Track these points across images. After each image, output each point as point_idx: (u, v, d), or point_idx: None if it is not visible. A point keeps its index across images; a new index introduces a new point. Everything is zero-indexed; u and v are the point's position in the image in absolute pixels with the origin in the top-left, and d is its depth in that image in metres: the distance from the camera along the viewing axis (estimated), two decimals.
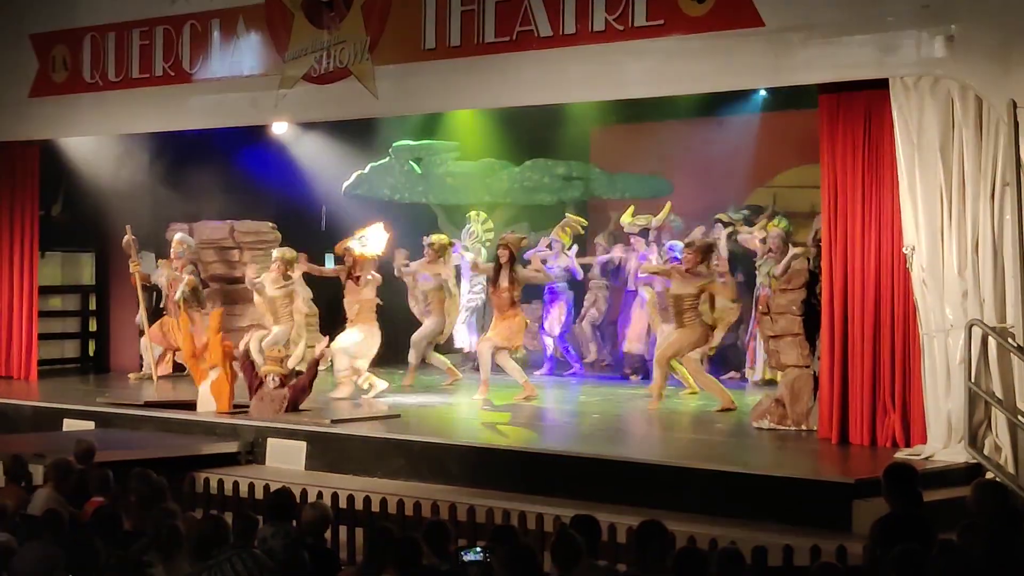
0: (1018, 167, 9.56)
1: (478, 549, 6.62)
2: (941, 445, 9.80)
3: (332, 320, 14.62)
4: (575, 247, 15.48)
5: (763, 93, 14.61)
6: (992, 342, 9.64)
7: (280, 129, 15.31)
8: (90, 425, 12.31)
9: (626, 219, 14.86)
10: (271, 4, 13.37)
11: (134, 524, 7.38)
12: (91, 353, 17.18)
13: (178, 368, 15.32)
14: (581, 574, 5.96)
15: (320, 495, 9.09)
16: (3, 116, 15.44)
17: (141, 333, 15.46)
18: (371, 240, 13.53)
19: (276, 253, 14.45)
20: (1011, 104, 9.50)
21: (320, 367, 12.73)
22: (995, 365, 9.66)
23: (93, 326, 17.17)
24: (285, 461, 11.11)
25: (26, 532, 7.03)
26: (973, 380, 9.64)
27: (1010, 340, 9.57)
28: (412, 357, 14.40)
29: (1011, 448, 9.55)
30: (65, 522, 7.01)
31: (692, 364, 12.94)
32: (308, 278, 14.69)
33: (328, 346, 13.01)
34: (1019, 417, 9.53)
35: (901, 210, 10.02)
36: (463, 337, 15.81)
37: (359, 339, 13.38)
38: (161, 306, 15.47)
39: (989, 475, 9.25)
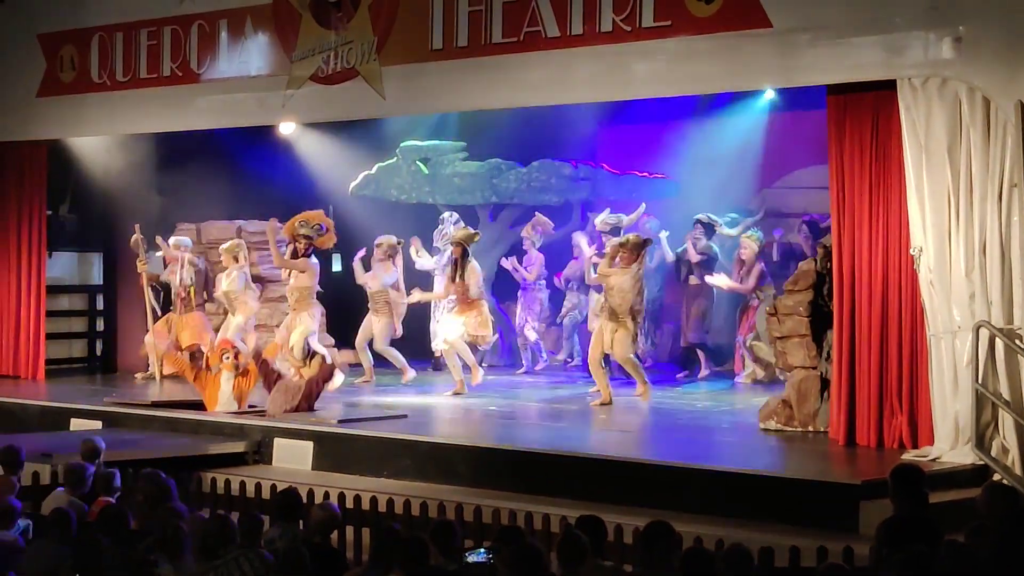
0: None
1: (482, 550, 6.63)
2: (948, 447, 9.78)
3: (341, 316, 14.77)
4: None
5: (771, 94, 14.60)
6: (999, 344, 9.62)
7: (287, 129, 15.31)
8: (97, 425, 12.32)
9: (599, 219, 14.90)
10: (278, 4, 13.38)
11: (141, 524, 7.39)
12: (98, 353, 17.20)
13: None
14: (587, 573, 5.97)
15: (327, 495, 9.10)
16: (11, 116, 15.47)
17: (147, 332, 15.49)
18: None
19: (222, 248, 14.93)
20: (1019, 105, 9.48)
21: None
22: (1002, 367, 9.65)
23: (100, 326, 17.19)
24: (292, 461, 11.12)
25: (33, 530, 7.06)
26: (980, 382, 9.62)
27: (1017, 342, 9.56)
28: (365, 359, 14.64)
29: (1018, 450, 9.53)
30: (72, 522, 7.02)
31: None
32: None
33: (341, 361, 13.22)
34: None
35: (908, 211, 10.01)
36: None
37: (315, 332, 13.69)
38: (172, 306, 15.46)
39: (996, 477, 9.23)
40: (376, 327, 14.67)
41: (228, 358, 12.43)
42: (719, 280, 14.63)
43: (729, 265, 15.07)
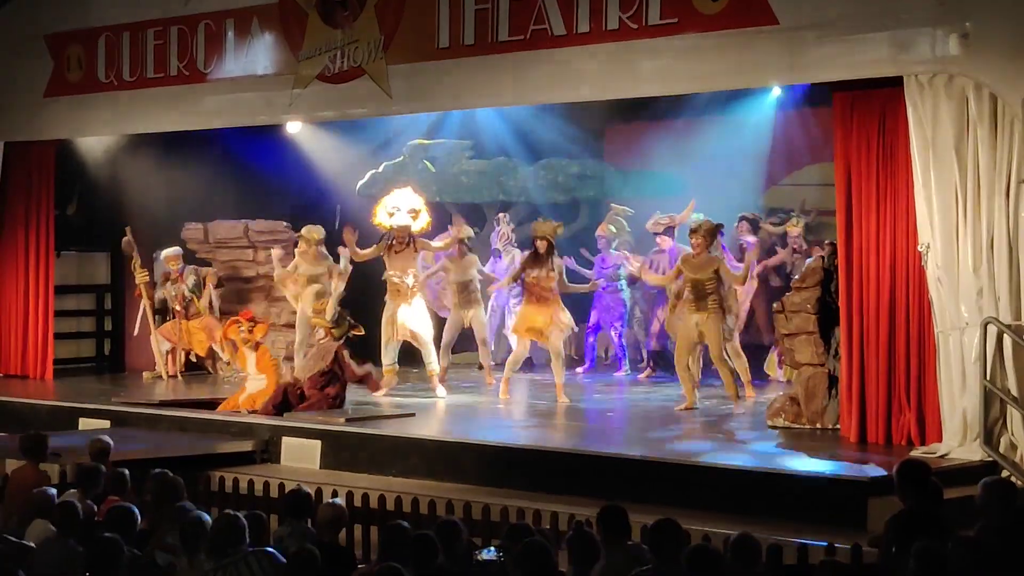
0: None
1: (492, 548, 6.63)
2: (956, 443, 9.78)
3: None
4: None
5: (778, 91, 14.58)
6: (1007, 340, 9.62)
7: (294, 128, 15.34)
8: (105, 424, 12.33)
9: (650, 222, 14.77)
10: (285, 4, 13.39)
11: (149, 523, 7.40)
12: (106, 352, 17.22)
13: (190, 368, 15.36)
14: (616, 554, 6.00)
15: (335, 494, 9.11)
16: (19, 116, 15.50)
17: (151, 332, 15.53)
18: None
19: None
20: None
21: None
22: (1010, 363, 9.65)
23: (108, 325, 17.22)
24: (300, 460, 11.13)
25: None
26: (988, 378, 9.62)
27: None
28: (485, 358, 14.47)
29: None
30: (79, 519, 7.02)
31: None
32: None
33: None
34: None
35: (916, 208, 10.00)
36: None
37: None
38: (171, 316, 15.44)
39: (1005, 473, 9.22)
40: (474, 321, 14.27)
41: (243, 330, 12.65)
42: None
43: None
